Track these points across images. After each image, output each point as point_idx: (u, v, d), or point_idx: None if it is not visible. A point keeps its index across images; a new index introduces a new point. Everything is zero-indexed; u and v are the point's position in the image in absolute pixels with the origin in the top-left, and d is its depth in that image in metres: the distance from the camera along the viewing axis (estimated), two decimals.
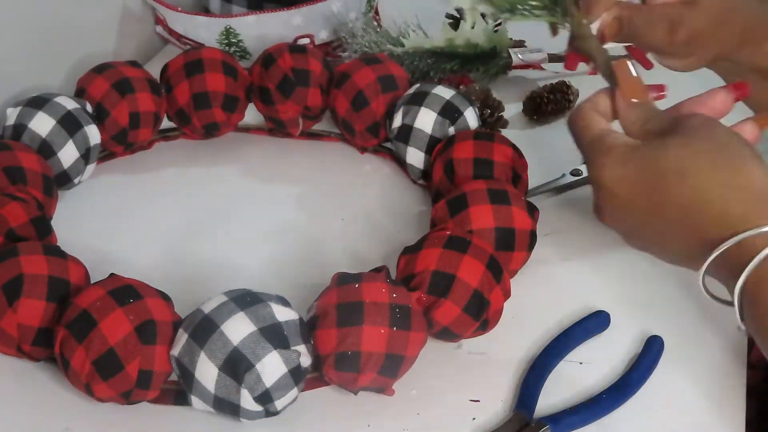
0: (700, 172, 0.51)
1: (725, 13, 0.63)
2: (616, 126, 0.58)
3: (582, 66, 0.92)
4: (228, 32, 0.93)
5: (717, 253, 0.50)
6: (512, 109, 0.86)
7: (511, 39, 0.92)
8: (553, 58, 0.92)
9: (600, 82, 0.60)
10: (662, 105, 0.58)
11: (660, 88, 0.59)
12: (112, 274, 0.56)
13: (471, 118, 0.73)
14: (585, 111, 0.58)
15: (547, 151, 0.79)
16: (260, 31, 0.92)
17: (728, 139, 0.52)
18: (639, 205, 0.53)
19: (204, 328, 0.51)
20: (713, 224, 0.50)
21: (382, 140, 0.78)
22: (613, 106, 0.59)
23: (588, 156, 0.56)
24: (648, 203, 0.53)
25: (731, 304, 0.51)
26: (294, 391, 0.52)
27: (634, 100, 0.57)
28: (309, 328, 0.54)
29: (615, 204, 0.54)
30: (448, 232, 0.59)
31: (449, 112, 0.72)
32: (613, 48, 0.64)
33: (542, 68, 0.93)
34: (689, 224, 0.51)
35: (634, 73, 0.59)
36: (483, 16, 0.91)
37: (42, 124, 0.69)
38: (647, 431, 0.55)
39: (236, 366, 0.50)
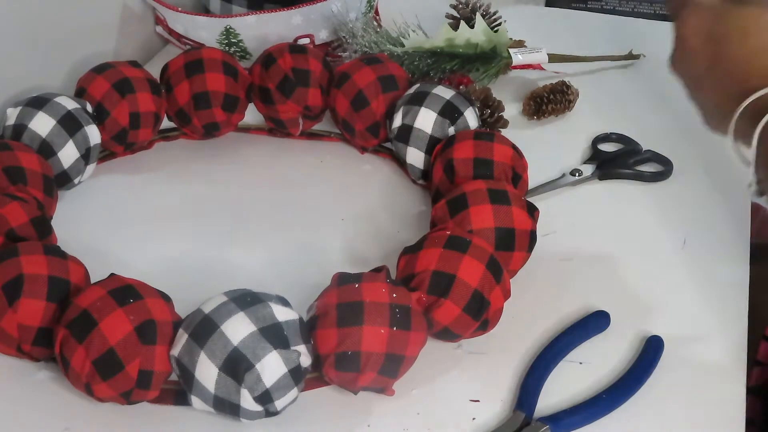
0: (759, 34, 0.58)
1: None
2: None
3: (582, 66, 0.92)
4: (228, 32, 0.93)
5: (751, 98, 0.55)
6: (512, 109, 0.86)
7: (511, 39, 0.92)
8: (553, 58, 0.92)
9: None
10: None
11: None
12: (112, 274, 0.56)
13: (471, 118, 0.73)
14: None
15: (547, 151, 0.79)
16: (260, 31, 0.92)
17: None
18: (706, 54, 0.60)
19: (204, 328, 0.51)
20: (755, 78, 0.56)
21: (382, 140, 0.78)
22: None
23: (676, 10, 0.62)
24: (713, 53, 0.59)
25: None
26: (294, 391, 0.52)
27: None
28: (309, 328, 0.54)
29: (687, 51, 0.61)
30: (448, 232, 0.59)
31: (449, 112, 0.72)
32: None
33: (542, 68, 0.93)
34: (737, 76, 0.58)
35: None
36: (483, 15, 0.91)
37: (42, 124, 0.69)
38: (647, 431, 0.55)
39: (236, 366, 0.50)
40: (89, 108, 0.72)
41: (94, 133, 0.72)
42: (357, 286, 0.54)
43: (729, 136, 0.58)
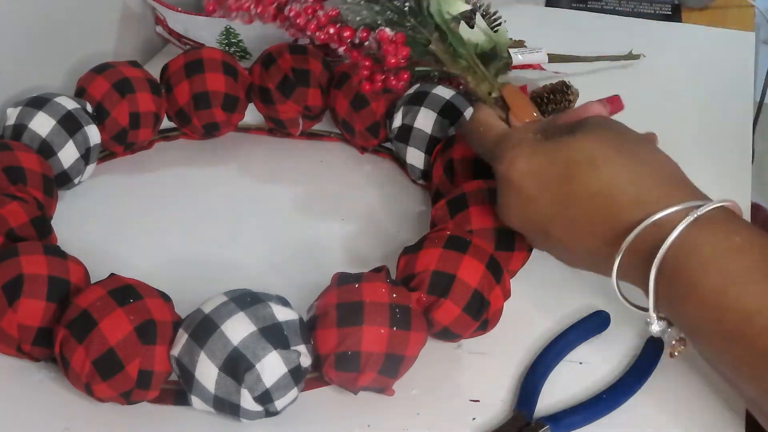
0: (610, 160, 0.51)
1: None
2: None
3: (582, 66, 0.92)
4: (228, 32, 0.93)
5: (634, 234, 0.49)
6: None
7: (511, 39, 0.92)
8: (553, 58, 0.92)
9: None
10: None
11: (615, 100, 0.61)
12: (112, 274, 0.56)
13: None
14: (483, 114, 0.60)
15: None
16: (260, 31, 0.92)
17: (626, 130, 0.54)
18: (548, 198, 0.52)
19: (204, 328, 0.51)
20: (626, 210, 0.50)
21: (382, 140, 0.78)
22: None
23: (495, 153, 0.55)
24: (558, 195, 0.52)
25: (646, 309, 0.50)
26: (294, 391, 0.52)
27: (527, 120, 0.59)
28: (309, 328, 0.54)
29: (522, 199, 0.54)
30: (448, 232, 0.59)
31: (449, 112, 0.72)
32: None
33: (542, 68, 0.93)
34: (601, 214, 0.51)
35: (523, 96, 0.60)
36: (483, 15, 0.91)
37: (42, 124, 0.69)
38: (647, 431, 0.55)
39: (236, 366, 0.50)
40: (89, 108, 0.72)
41: (94, 133, 0.72)
42: (357, 286, 0.54)
43: (612, 278, 0.51)
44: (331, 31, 0.57)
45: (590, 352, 0.60)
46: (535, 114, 0.60)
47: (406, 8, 0.57)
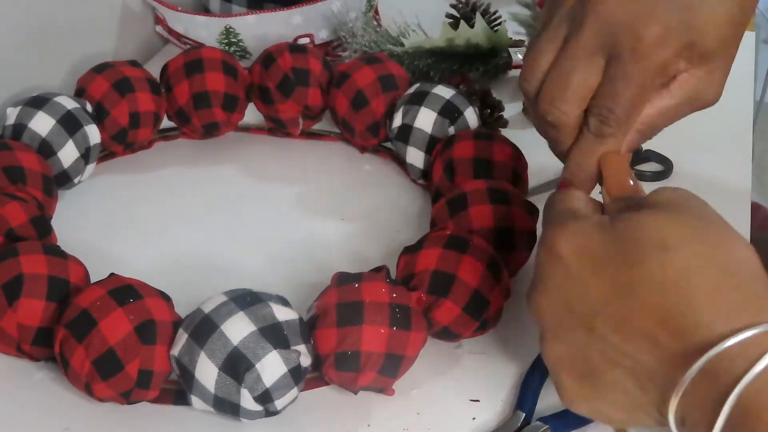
0: (685, 245, 0.40)
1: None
2: None
3: None
4: (228, 32, 0.93)
5: (715, 351, 0.37)
6: (512, 109, 0.86)
7: (511, 39, 0.92)
8: None
9: None
10: None
11: None
12: (112, 274, 0.56)
13: (471, 117, 0.73)
14: (566, 198, 0.49)
15: (547, 151, 0.79)
16: (260, 30, 0.92)
17: (708, 210, 0.44)
18: (601, 284, 0.41)
19: (204, 328, 0.51)
20: (703, 315, 0.39)
21: (382, 140, 0.78)
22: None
23: (546, 217, 0.47)
24: (614, 281, 0.41)
25: None
26: (294, 391, 0.52)
27: (619, 195, 0.49)
28: (309, 328, 0.54)
29: (568, 279, 0.43)
30: (448, 232, 0.59)
31: (449, 112, 0.72)
32: None
33: None
34: (667, 312, 0.39)
35: (624, 164, 0.50)
36: (483, 15, 0.91)
37: (42, 123, 0.69)
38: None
39: (236, 366, 0.50)
40: (89, 108, 0.72)
41: (93, 133, 0.72)
42: (357, 285, 0.54)
43: (669, 416, 0.39)
44: None
45: None
46: (631, 188, 0.49)
47: None
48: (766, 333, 0.37)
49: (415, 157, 0.73)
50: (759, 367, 0.36)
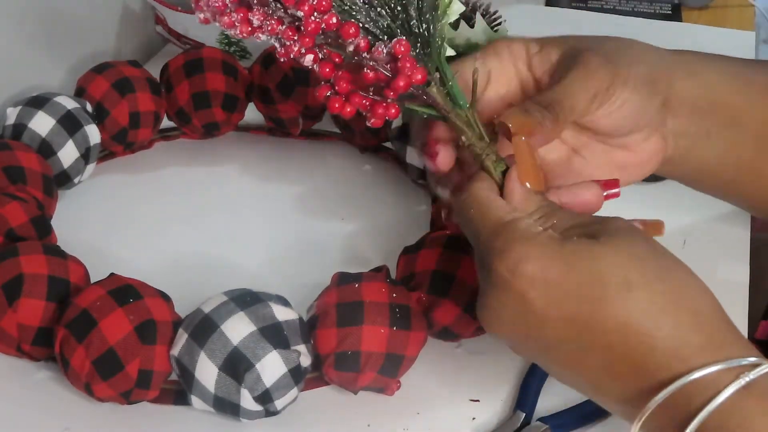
0: (648, 286, 0.40)
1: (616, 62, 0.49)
2: None
3: None
4: None
5: (668, 391, 0.39)
6: None
7: None
8: None
9: None
10: None
11: (613, 184, 0.48)
12: (112, 274, 0.56)
13: None
14: (477, 193, 0.45)
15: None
16: None
17: (660, 247, 0.43)
18: (558, 318, 0.41)
19: (204, 328, 0.51)
20: (661, 355, 0.40)
21: (382, 140, 0.78)
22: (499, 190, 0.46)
23: (494, 245, 0.42)
24: (572, 317, 0.41)
25: None
26: (294, 391, 0.52)
27: (528, 185, 0.46)
28: (309, 328, 0.54)
29: (523, 312, 0.42)
30: (448, 232, 0.59)
31: None
32: None
33: None
34: (627, 352, 0.40)
35: (534, 157, 0.47)
36: (483, 15, 0.91)
37: (42, 123, 0.69)
38: None
39: (236, 366, 0.50)
40: (89, 107, 0.72)
41: (93, 133, 0.72)
42: (357, 285, 0.54)
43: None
44: (333, 20, 0.42)
45: None
46: (541, 183, 0.47)
47: (423, 32, 0.46)
48: (724, 371, 0.39)
49: (415, 157, 0.73)
50: (714, 403, 0.38)
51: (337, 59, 0.45)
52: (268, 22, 0.43)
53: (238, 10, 0.43)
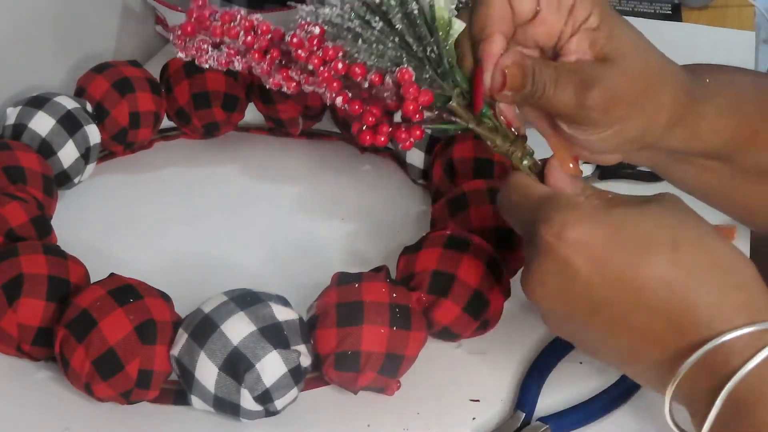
0: (694, 246, 0.41)
1: (649, 77, 0.49)
2: None
3: None
4: None
5: (705, 349, 0.40)
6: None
7: None
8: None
9: None
10: None
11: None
12: (112, 274, 0.56)
13: None
14: (516, 181, 0.47)
15: (547, 151, 0.79)
16: None
17: (700, 217, 0.44)
18: (603, 279, 0.41)
19: (204, 328, 0.51)
20: (703, 313, 0.40)
21: None
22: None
23: (538, 215, 0.43)
24: (617, 277, 0.41)
25: None
26: (294, 391, 0.52)
27: (571, 175, 0.48)
28: (309, 328, 0.54)
29: (567, 276, 0.42)
30: (448, 232, 0.59)
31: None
32: None
33: None
34: (670, 310, 0.41)
35: (567, 145, 0.49)
36: None
37: (42, 123, 0.69)
38: (647, 431, 0.55)
39: (236, 366, 0.50)
40: (89, 107, 0.72)
41: (93, 133, 0.72)
42: (357, 285, 0.54)
43: (665, 398, 0.42)
44: (339, 66, 0.45)
45: None
46: (577, 168, 0.49)
47: (430, 55, 0.46)
48: (762, 331, 0.40)
49: (415, 157, 0.73)
50: (753, 363, 0.39)
51: (363, 95, 0.48)
52: (301, 76, 0.48)
53: (281, 71, 0.48)
